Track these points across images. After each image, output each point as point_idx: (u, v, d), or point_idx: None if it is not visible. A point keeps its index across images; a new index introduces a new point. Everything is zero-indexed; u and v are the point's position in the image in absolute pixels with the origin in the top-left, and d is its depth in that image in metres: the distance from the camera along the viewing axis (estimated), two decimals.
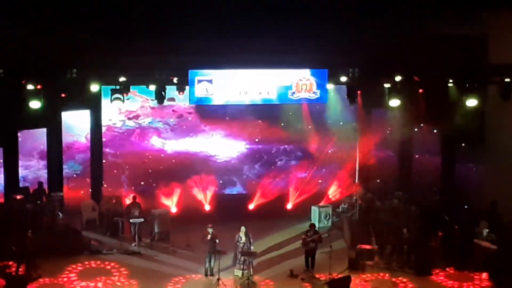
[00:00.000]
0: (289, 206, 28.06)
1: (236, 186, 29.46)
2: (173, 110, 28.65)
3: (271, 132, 28.90)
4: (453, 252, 22.20)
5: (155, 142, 28.98)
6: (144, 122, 28.81)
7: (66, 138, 26.82)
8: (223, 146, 29.20)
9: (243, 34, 22.80)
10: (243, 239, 21.03)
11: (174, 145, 29.01)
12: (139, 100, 28.25)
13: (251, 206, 27.62)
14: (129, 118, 28.62)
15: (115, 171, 28.48)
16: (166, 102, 24.11)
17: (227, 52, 22.61)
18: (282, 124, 28.69)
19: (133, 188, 28.18)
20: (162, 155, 28.90)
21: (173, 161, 28.86)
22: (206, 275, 21.09)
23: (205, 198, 27.51)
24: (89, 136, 27.72)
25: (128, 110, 28.35)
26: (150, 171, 28.61)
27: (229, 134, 29.12)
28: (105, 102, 25.89)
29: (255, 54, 22.52)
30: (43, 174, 26.70)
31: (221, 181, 28.99)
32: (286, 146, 29.53)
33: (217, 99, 22.42)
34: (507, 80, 21.73)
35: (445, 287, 20.75)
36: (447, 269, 21.72)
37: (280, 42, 22.72)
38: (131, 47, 22.33)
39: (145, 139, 28.92)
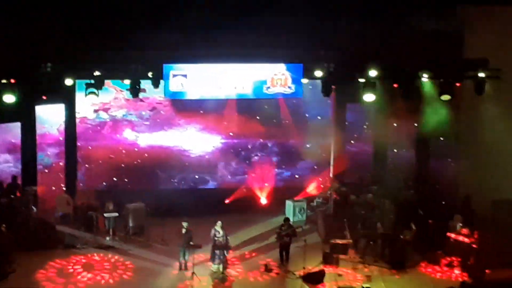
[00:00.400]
0: (263, 200, 28.65)
1: (210, 181, 29.50)
2: (141, 100, 28.18)
3: (247, 126, 28.95)
4: (427, 246, 23.03)
5: (128, 135, 28.84)
6: (117, 114, 28.62)
7: (37, 130, 26.80)
8: (198, 140, 29.07)
9: (218, 29, 23.30)
10: (221, 233, 21.60)
11: (147, 139, 28.84)
12: (113, 91, 28.00)
13: (226, 201, 28.09)
14: (95, 111, 28.27)
15: (87, 165, 28.55)
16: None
17: (201, 46, 23.08)
18: (258, 118, 28.78)
19: (104, 183, 28.48)
20: (136, 149, 28.77)
21: (146, 155, 28.79)
22: (180, 269, 21.76)
23: (179, 192, 27.74)
24: (61, 128, 27.65)
25: (102, 102, 28.01)
26: (122, 165, 28.60)
27: (204, 128, 28.99)
28: (79, 96, 25.88)
29: (230, 49, 23.02)
30: (3, 168, 26.83)
31: (196, 176, 29.22)
32: (262, 140, 29.59)
33: (192, 94, 23.11)
34: (481, 75, 22.61)
35: (418, 280, 21.66)
36: (421, 263, 22.61)
37: (255, 36, 23.34)
38: (106, 41, 22.72)
39: (118, 132, 28.78)
